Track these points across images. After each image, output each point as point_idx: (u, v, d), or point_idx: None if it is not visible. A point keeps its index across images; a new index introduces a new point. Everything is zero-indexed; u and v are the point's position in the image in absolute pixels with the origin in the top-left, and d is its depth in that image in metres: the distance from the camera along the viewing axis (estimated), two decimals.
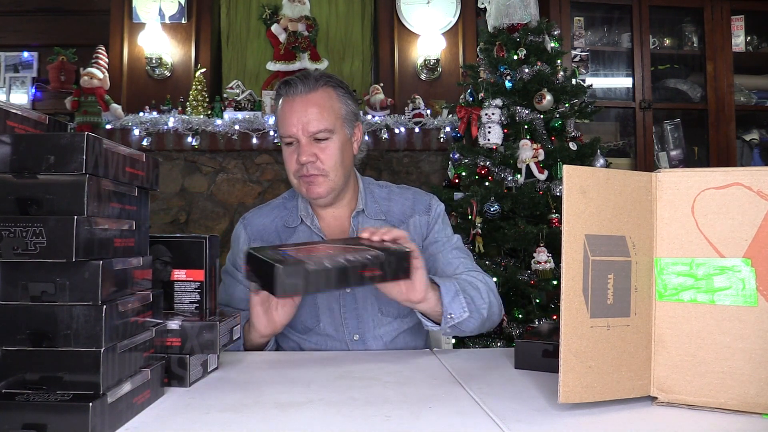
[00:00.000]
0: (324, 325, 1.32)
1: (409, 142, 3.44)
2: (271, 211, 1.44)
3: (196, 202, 3.45)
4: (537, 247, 2.42)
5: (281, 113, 1.31)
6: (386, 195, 1.43)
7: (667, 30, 3.73)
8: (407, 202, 1.42)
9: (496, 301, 1.31)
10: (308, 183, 1.30)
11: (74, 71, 3.55)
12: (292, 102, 1.29)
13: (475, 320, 1.21)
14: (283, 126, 1.30)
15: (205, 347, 0.94)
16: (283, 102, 1.31)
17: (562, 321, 0.77)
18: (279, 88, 1.33)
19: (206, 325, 0.94)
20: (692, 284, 0.82)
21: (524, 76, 2.63)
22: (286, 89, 1.31)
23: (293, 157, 1.30)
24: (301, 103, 1.28)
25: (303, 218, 1.37)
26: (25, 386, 0.71)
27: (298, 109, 1.28)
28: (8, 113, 0.77)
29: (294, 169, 1.31)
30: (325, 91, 1.30)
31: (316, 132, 1.28)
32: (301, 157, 1.28)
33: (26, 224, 0.70)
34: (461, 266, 1.34)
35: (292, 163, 1.31)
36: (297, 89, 1.29)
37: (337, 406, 0.83)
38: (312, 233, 1.37)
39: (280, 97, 1.32)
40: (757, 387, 0.78)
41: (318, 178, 1.30)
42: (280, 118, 1.32)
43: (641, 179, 0.84)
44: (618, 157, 3.51)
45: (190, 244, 1.03)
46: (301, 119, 1.27)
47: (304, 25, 3.54)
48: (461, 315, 1.17)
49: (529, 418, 0.78)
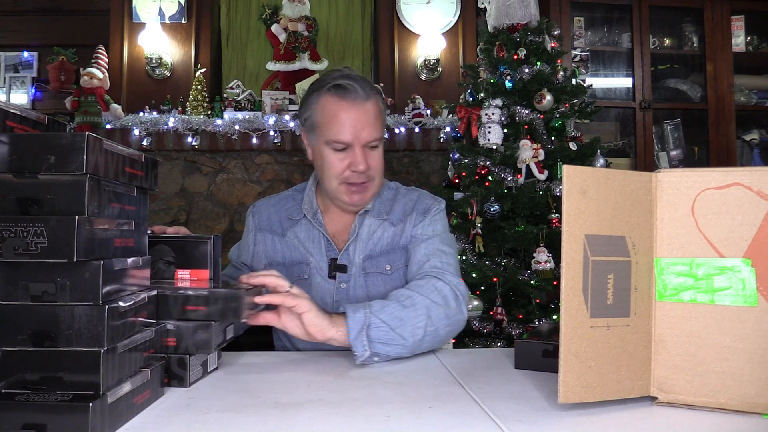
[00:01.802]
0: None
1: (409, 142, 3.44)
2: (279, 201, 1.45)
3: (196, 202, 3.45)
4: (537, 247, 2.43)
5: (333, 117, 1.27)
6: (392, 196, 1.44)
7: (667, 30, 3.73)
8: (410, 202, 1.41)
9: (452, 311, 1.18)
10: (356, 190, 1.30)
11: (74, 71, 3.55)
12: (349, 108, 1.26)
13: (397, 348, 1.09)
14: (337, 131, 1.26)
15: (200, 347, 0.94)
16: (335, 106, 1.27)
17: (562, 321, 0.77)
18: (328, 90, 1.28)
19: (201, 325, 0.94)
20: (692, 284, 0.82)
21: (524, 76, 2.63)
22: (342, 94, 1.26)
23: (342, 163, 1.28)
24: (360, 111, 1.26)
25: (306, 212, 1.38)
26: (25, 386, 0.71)
27: (356, 117, 1.26)
28: (8, 113, 0.77)
29: (341, 174, 1.29)
30: (376, 100, 1.30)
31: (371, 141, 1.28)
32: (359, 166, 1.27)
33: (27, 224, 0.70)
34: (427, 264, 1.27)
35: (338, 167, 1.29)
36: (354, 95, 1.26)
37: (337, 406, 0.83)
38: (313, 227, 1.37)
39: (328, 100, 1.28)
40: (757, 387, 0.78)
41: (367, 185, 1.31)
42: (331, 122, 1.27)
43: (641, 179, 0.84)
44: (618, 157, 3.51)
45: (194, 244, 1.04)
46: (358, 127, 1.26)
47: (304, 25, 3.54)
48: (363, 353, 1.06)
49: (529, 418, 0.78)
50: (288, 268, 1.34)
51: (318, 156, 1.33)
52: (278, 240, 1.39)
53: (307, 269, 1.34)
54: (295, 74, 3.54)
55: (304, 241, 1.37)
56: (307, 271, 1.34)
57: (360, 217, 1.37)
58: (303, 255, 1.35)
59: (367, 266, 1.34)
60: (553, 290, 2.41)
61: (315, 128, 1.31)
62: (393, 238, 1.36)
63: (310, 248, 1.36)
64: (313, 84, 1.35)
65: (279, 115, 3.36)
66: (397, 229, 1.37)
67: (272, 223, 1.41)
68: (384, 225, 1.37)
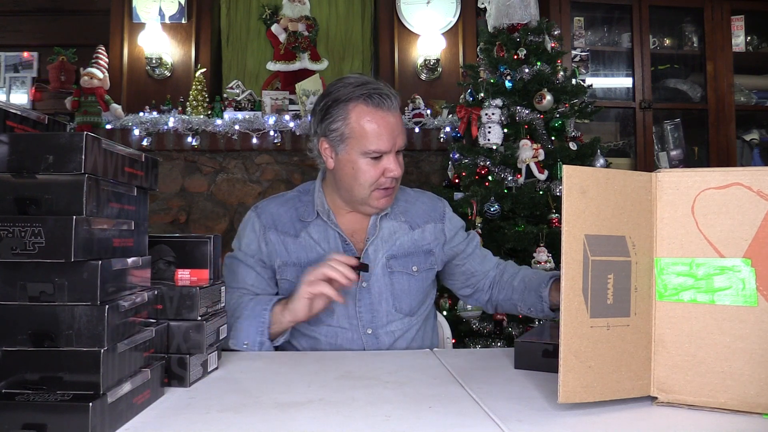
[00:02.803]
0: (338, 317, 1.33)
1: (409, 142, 3.41)
2: (286, 202, 1.44)
3: (196, 202, 3.45)
4: (537, 247, 2.42)
5: (372, 128, 1.28)
6: (403, 197, 1.47)
7: (667, 30, 3.73)
8: (424, 206, 1.47)
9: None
10: (385, 194, 1.34)
11: (74, 71, 3.55)
12: (386, 117, 1.29)
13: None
14: (377, 142, 1.28)
15: (191, 348, 0.94)
16: (373, 116, 1.28)
17: (562, 321, 0.77)
18: (364, 101, 1.29)
19: (193, 325, 0.94)
20: (692, 284, 0.82)
21: (524, 76, 2.63)
22: (377, 103, 1.28)
23: (377, 169, 1.30)
24: (394, 119, 1.30)
25: (320, 213, 1.38)
26: (25, 386, 0.71)
27: (392, 125, 1.29)
28: (7, 113, 0.77)
29: (375, 181, 1.31)
30: (398, 107, 1.33)
31: (402, 147, 1.33)
32: (395, 171, 1.30)
33: (25, 224, 0.70)
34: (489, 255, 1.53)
35: (373, 174, 1.30)
36: (389, 104, 1.30)
37: (337, 406, 0.83)
38: (327, 228, 1.37)
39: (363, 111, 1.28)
40: (757, 387, 0.78)
41: (394, 188, 1.35)
42: (370, 133, 1.28)
43: (641, 179, 0.84)
44: (618, 157, 3.50)
45: (194, 244, 1.04)
46: (395, 135, 1.30)
47: (304, 25, 3.53)
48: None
49: (529, 418, 0.78)
50: (304, 268, 1.33)
51: (348, 166, 1.31)
52: (291, 241, 1.37)
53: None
54: (295, 74, 3.54)
55: (320, 242, 1.36)
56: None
57: (376, 218, 1.39)
58: (320, 255, 1.34)
59: (393, 265, 1.37)
60: None
61: (346, 139, 1.30)
62: (414, 242, 1.41)
63: (326, 248, 1.36)
64: (333, 94, 1.32)
65: (279, 115, 3.36)
66: (416, 233, 1.42)
67: (283, 224, 1.39)
68: (403, 227, 1.41)
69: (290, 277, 1.34)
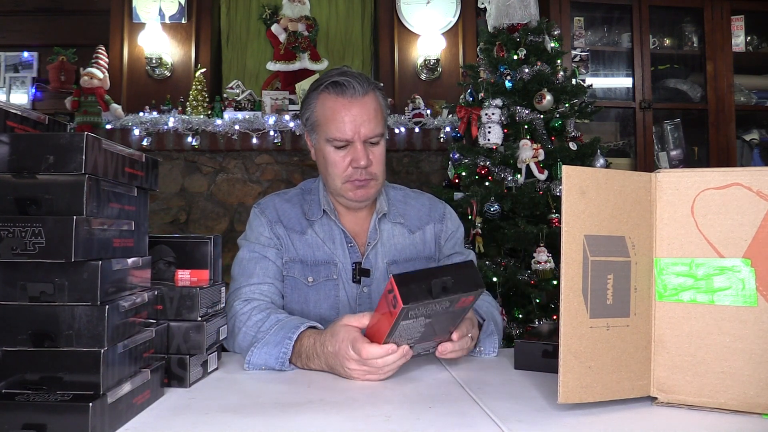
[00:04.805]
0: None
1: (409, 142, 3.44)
2: (290, 199, 1.42)
3: (196, 202, 3.45)
4: (537, 247, 2.42)
5: (332, 115, 1.26)
6: (402, 198, 1.45)
7: (667, 30, 3.73)
8: (423, 208, 1.44)
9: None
10: (359, 186, 1.30)
11: (74, 71, 3.55)
12: (348, 104, 1.26)
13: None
14: (336, 129, 1.26)
15: (191, 348, 0.94)
16: (334, 103, 1.27)
17: (562, 321, 0.77)
18: (326, 88, 1.28)
19: (193, 326, 0.94)
20: (692, 284, 0.82)
21: (524, 76, 2.63)
22: (339, 90, 1.26)
23: (344, 161, 1.28)
24: (358, 106, 1.26)
25: (327, 211, 1.37)
26: (25, 386, 0.71)
27: (355, 113, 1.26)
28: (8, 113, 0.77)
29: (343, 173, 1.29)
30: (374, 95, 1.30)
31: (372, 136, 1.28)
32: (360, 161, 1.26)
33: (25, 224, 0.70)
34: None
35: (341, 166, 1.28)
36: (351, 91, 1.26)
37: (337, 406, 0.83)
38: (333, 227, 1.36)
39: (326, 98, 1.28)
40: (757, 387, 0.78)
41: (370, 182, 1.30)
42: (330, 119, 1.27)
43: (641, 179, 0.84)
44: (618, 157, 3.50)
45: (194, 244, 1.03)
46: (357, 123, 1.25)
47: (304, 25, 3.54)
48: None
49: (529, 418, 0.78)
50: (314, 267, 1.32)
51: (320, 155, 1.33)
52: (297, 237, 1.35)
53: (335, 270, 1.32)
54: (295, 74, 3.54)
55: (326, 241, 1.35)
56: (336, 272, 1.32)
57: (376, 221, 1.37)
58: (329, 255, 1.33)
59: (394, 271, 1.34)
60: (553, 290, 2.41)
61: (315, 127, 1.31)
62: (415, 247, 1.40)
63: (331, 248, 1.34)
64: (312, 84, 1.35)
65: (279, 115, 3.36)
66: (416, 236, 1.40)
67: (289, 219, 1.37)
68: (402, 230, 1.39)
69: (296, 274, 1.33)
